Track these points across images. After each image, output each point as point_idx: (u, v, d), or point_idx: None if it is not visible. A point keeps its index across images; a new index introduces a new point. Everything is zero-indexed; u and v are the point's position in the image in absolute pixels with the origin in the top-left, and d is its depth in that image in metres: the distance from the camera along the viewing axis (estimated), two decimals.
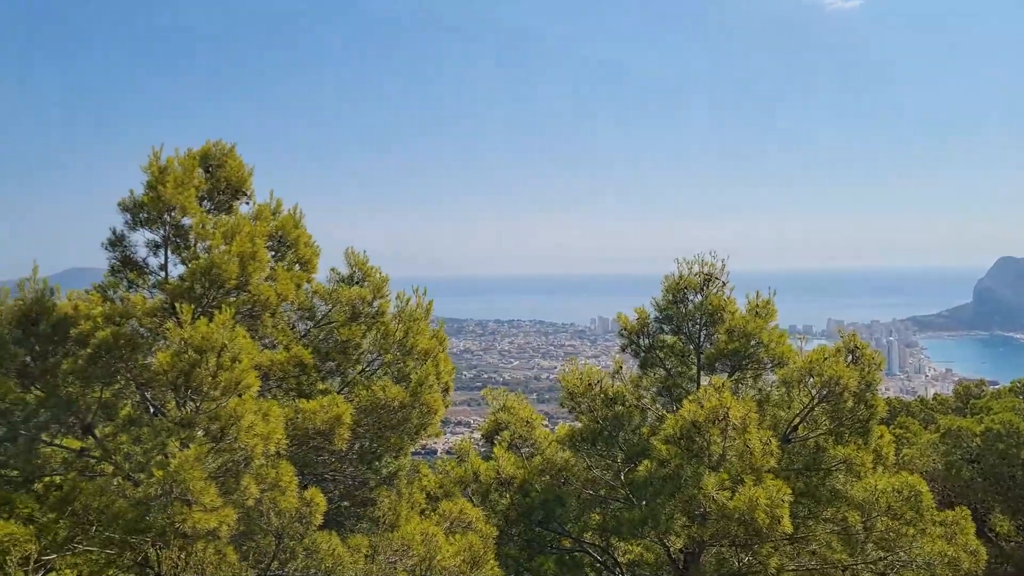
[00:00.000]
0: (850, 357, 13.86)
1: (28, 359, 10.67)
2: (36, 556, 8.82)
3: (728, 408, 12.47)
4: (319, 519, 9.77)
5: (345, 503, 12.19)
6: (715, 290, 14.98)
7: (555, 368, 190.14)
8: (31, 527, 9.21)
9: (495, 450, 15.50)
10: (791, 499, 12.08)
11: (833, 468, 13.63)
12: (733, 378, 14.70)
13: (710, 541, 13.57)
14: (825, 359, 13.55)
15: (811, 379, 13.65)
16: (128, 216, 11.02)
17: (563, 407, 15.36)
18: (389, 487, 12.07)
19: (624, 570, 15.71)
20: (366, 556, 10.44)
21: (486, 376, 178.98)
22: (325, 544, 9.94)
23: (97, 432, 10.87)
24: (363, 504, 12.20)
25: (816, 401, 13.70)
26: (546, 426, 17.85)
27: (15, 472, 10.79)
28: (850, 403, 13.48)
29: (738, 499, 12.04)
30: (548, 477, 14.97)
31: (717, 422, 12.53)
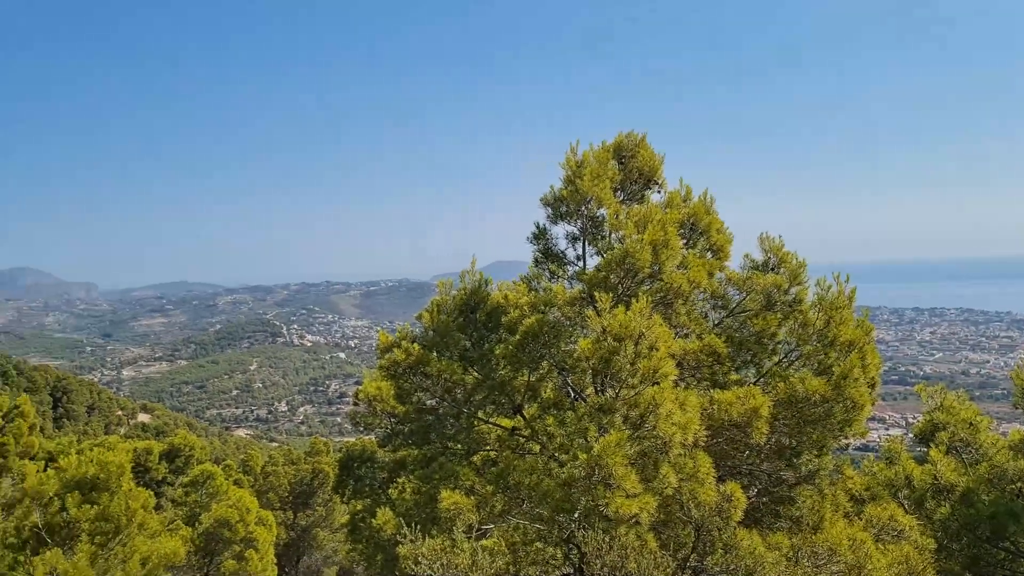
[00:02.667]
0: None
1: (468, 344, 11.77)
2: (478, 525, 9.65)
3: None
4: (738, 515, 9.42)
5: (762, 499, 11.68)
6: None
7: (987, 362, 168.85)
8: (472, 498, 10.09)
9: (931, 453, 13.85)
10: None
11: None
12: None
13: None
14: None
15: None
16: (549, 210, 11.64)
17: (1016, 408, 13.27)
18: (810, 486, 11.33)
19: None
20: (787, 557, 9.87)
21: (903, 369, 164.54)
22: (746, 541, 9.56)
23: (525, 413, 11.65)
24: (780, 502, 11.61)
25: None
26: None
27: (459, 446, 11.99)
28: None
29: None
30: (998, 487, 13.02)
31: None
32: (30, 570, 12.67)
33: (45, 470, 14.85)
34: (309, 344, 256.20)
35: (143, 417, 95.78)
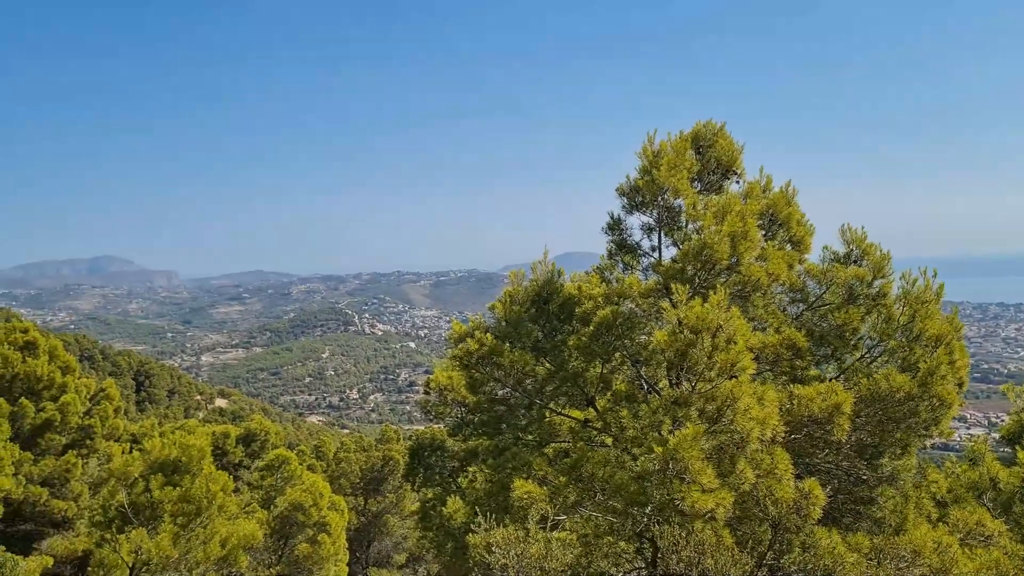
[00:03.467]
0: None
1: (540, 335, 11.73)
2: (551, 516, 9.62)
3: None
4: (817, 513, 9.18)
5: (841, 498, 11.37)
6: None
7: None
8: (545, 488, 10.06)
9: (1019, 455, 13.29)
10: None
11: None
12: None
13: None
14: None
15: None
16: (624, 200, 11.52)
17: None
18: (892, 486, 10.98)
19: None
20: (868, 559, 9.59)
21: (985, 366, 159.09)
22: (824, 540, 9.32)
23: (598, 405, 11.56)
24: (861, 502, 11.29)
25: None
26: None
27: (531, 437, 11.97)
28: None
29: None
30: None
31: None
32: (116, 547, 13.13)
33: (130, 452, 15.35)
34: (380, 333, 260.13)
35: (220, 402, 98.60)
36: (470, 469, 14.99)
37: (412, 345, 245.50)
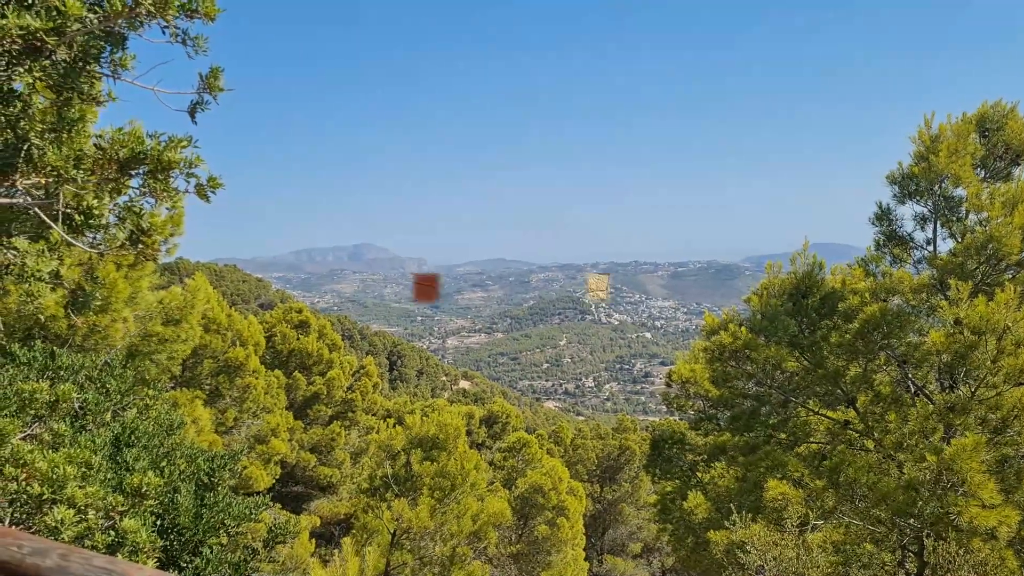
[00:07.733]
0: None
1: (796, 330, 11.25)
2: (807, 520, 9.21)
3: None
4: None
5: None
6: None
7: None
8: (800, 490, 9.65)
9: None
10: None
11: None
12: None
13: None
14: None
15: None
16: (895, 189, 10.74)
17: None
18: None
19: None
20: None
21: None
22: None
23: (859, 406, 10.91)
24: None
25: None
26: None
27: (783, 435, 11.53)
28: None
29: None
30: None
31: None
32: (379, 514, 14.19)
33: (390, 428, 16.50)
34: (616, 322, 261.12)
35: (464, 384, 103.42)
36: (714, 465, 14.70)
37: (648, 336, 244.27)
